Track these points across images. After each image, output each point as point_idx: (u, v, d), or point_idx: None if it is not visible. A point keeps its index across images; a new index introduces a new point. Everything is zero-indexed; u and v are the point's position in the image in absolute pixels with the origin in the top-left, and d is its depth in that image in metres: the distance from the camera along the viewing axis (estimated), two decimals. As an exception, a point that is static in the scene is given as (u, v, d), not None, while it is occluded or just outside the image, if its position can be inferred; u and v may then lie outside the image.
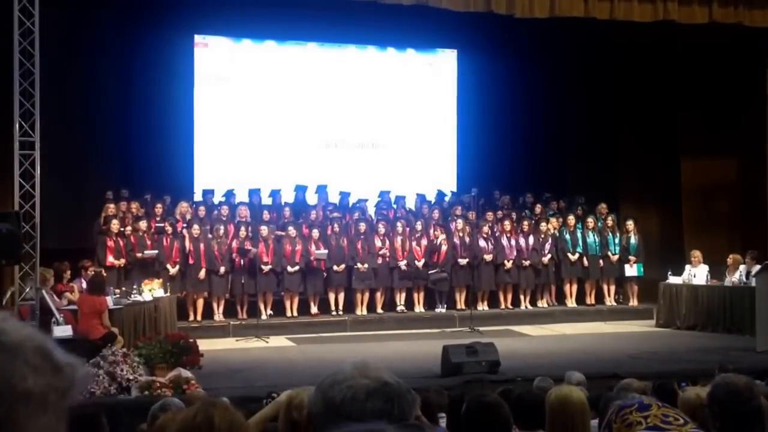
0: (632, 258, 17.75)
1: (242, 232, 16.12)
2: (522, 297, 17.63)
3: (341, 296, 16.68)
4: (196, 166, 19.20)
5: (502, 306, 17.52)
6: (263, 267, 16.00)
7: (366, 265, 16.53)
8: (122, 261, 15.33)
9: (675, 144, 19.31)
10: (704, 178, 19.19)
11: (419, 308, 17.11)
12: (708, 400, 3.79)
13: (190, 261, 15.78)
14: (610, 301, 18.06)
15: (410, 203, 18.88)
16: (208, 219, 16.69)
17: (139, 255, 15.46)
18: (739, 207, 19.03)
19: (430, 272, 16.85)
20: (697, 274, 16.44)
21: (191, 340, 12.06)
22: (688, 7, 15.35)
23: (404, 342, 14.82)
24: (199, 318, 15.88)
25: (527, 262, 17.42)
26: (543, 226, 17.77)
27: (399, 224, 17.06)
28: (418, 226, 17.18)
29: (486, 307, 17.38)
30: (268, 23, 18.60)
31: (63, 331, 11.49)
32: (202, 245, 15.87)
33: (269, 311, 16.30)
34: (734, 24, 15.61)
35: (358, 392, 1.98)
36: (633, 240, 17.89)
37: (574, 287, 17.94)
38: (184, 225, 16.37)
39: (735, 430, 3.60)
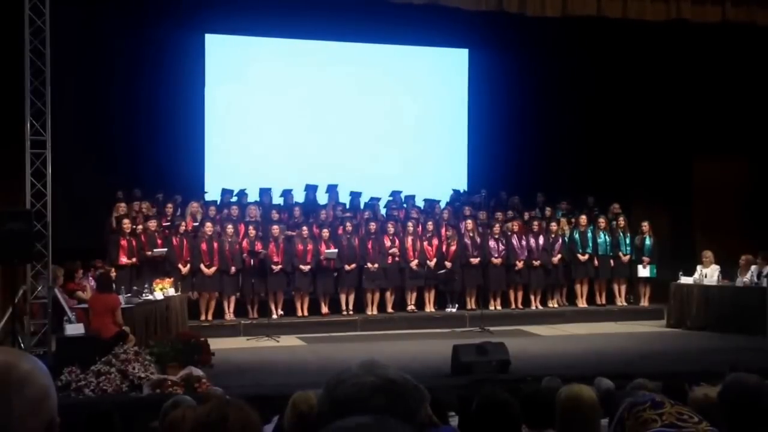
0: (646, 259, 17.70)
1: (251, 232, 16.16)
2: (532, 297, 17.62)
3: (352, 296, 16.69)
4: (207, 165, 19.22)
5: (513, 306, 17.52)
6: (274, 267, 16.02)
7: (376, 265, 16.55)
8: (134, 260, 15.38)
9: (686, 144, 19.25)
10: (716, 179, 19.13)
11: (430, 308, 17.11)
12: (719, 400, 3.78)
13: (205, 260, 15.81)
14: (620, 301, 18.02)
15: (420, 203, 18.86)
16: (218, 218, 16.71)
17: (149, 254, 15.49)
18: (750, 207, 18.96)
19: (438, 272, 16.84)
20: (709, 274, 16.38)
21: (202, 339, 12.12)
22: (700, 6, 15.32)
23: (414, 341, 14.81)
24: (210, 317, 15.91)
25: (537, 263, 17.41)
26: (553, 226, 17.76)
27: (410, 224, 17.06)
28: (429, 225, 17.17)
29: (498, 307, 17.37)
30: (279, 22, 18.60)
31: (75, 329, 11.54)
32: (215, 244, 15.91)
33: (280, 311, 16.33)
34: (747, 23, 15.56)
35: (363, 389, 1.99)
36: (648, 241, 17.85)
37: (585, 287, 17.92)
38: (195, 224, 16.42)
39: (746, 429, 3.59)
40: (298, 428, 3.94)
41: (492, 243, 17.17)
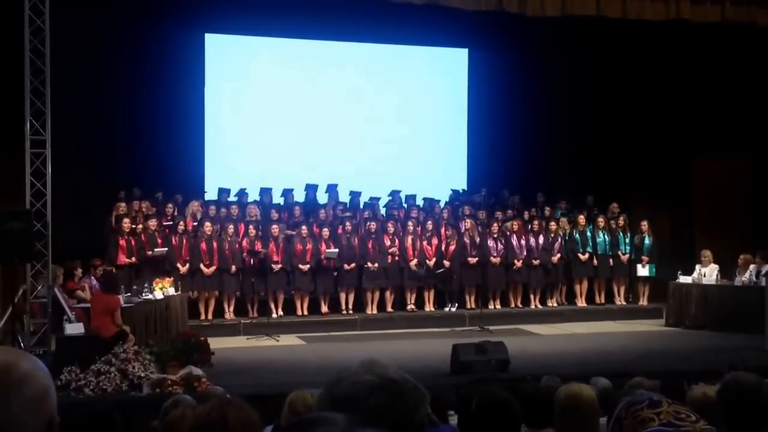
0: (645, 258, 17.71)
1: (251, 232, 16.16)
2: (532, 296, 17.63)
3: (351, 295, 16.70)
4: (207, 165, 19.23)
5: (512, 305, 17.53)
6: (274, 266, 16.03)
7: (376, 265, 16.55)
8: (133, 259, 15.38)
9: (686, 144, 19.26)
10: (715, 178, 19.16)
11: (429, 307, 17.12)
12: (718, 399, 3.79)
13: (204, 260, 15.82)
14: (620, 300, 18.04)
15: (420, 203, 18.86)
16: (218, 218, 16.72)
17: (149, 253, 15.49)
18: (749, 206, 18.99)
19: (437, 271, 16.84)
20: (707, 273, 16.41)
21: (202, 339, 12.11)
22: (700, 5, 15.32)
23: (414, 341, 14.83)
24: (210, 316, 15.92)
25: (537, 262, 17.42)
26: (552, 225, 17.77)
27: (410, 223, 17.06)
28: (429, 225, 17.17)
29: (498, 306, 17.38)
30: (279, 21, 18.60)
31: (75, 328, 11.55)
32: (214, 244, 15.92)
33: (280, 310, 16.33)
34: (746, 23, 15.57)
35: (362, 388, 2.00)
36: (647, 240, 17.85)
37: (585, 286, 17.92)
38: (195, 224, 16.43)
39: (744, 428, 3.60)
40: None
41: (491, 242, 17.17)
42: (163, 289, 14.17)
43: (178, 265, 15.71)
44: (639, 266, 17.76)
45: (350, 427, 1.70)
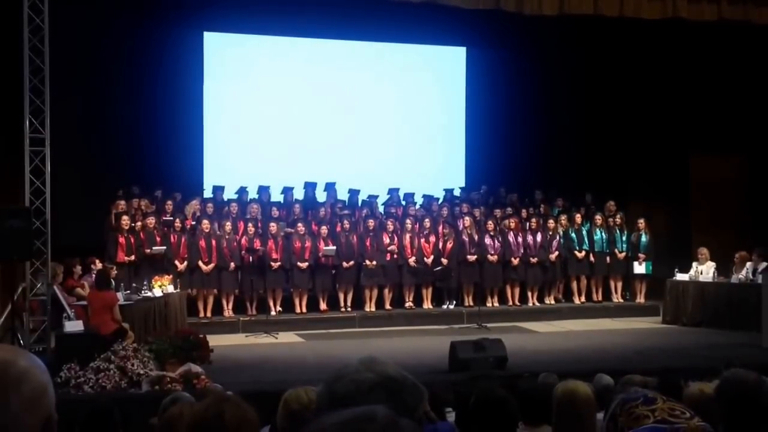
0: (641, 256, 17.75)
1: (250, 229, 16.18)
2: (529, 294, 17.66)
3: (350, 293, 16.72)
4: (206, 163, 19.24)
5: (510, 303, 17.56)
6: (272, 264, 16.06)
7: (375, 262, 16.57)
8: (132, 257, 15.38)
9: (684, 141, 19.29)
10: (712, 175, 19.19)
11: (427, 305, 17.15)
12: (716, 396, 3.80)
13: (203, 258, 15.84)
14: (617, 298, 18.09)
15: (419, 201, 18.87)
16: (217, 216, 16.74)
17: (147, 251, 15.50)
18: (746, 204, 19.02)
19: (435, 269, 16.86)
20: (704, 271, 16.44)
21: (201, 336, 12.14)
22: (697, 4, 15.34)
23: (412, 338, 14.87)
24: (208, 314, 15.95)
25: (535, 259, 17.45)
26: (550, 223, 17.81)
27: (408, 221, 17.08)
28: (427, 223, 17.19)
29: (495, 304, 17.40)
30: (278, 20, 18.61)
31: (74, 326, 11.56)
32: (213, 241, 15.94)
33: (278, 307, 16.35)
34: (742, 21, 15.60)
35: (361, 386, 2.02)
36: (644, 238, 17.90)
37: (583, 284, 17.96)
38: (194, 222, 16.45)
39: (743, 425, 3.61)
40: (290, 427, 3.96)
41: (488, 240, 17.20)
42: (162, 286, 14.19)
43: (176, 262, 15.74)
44: (636, 264, 17.80)
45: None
